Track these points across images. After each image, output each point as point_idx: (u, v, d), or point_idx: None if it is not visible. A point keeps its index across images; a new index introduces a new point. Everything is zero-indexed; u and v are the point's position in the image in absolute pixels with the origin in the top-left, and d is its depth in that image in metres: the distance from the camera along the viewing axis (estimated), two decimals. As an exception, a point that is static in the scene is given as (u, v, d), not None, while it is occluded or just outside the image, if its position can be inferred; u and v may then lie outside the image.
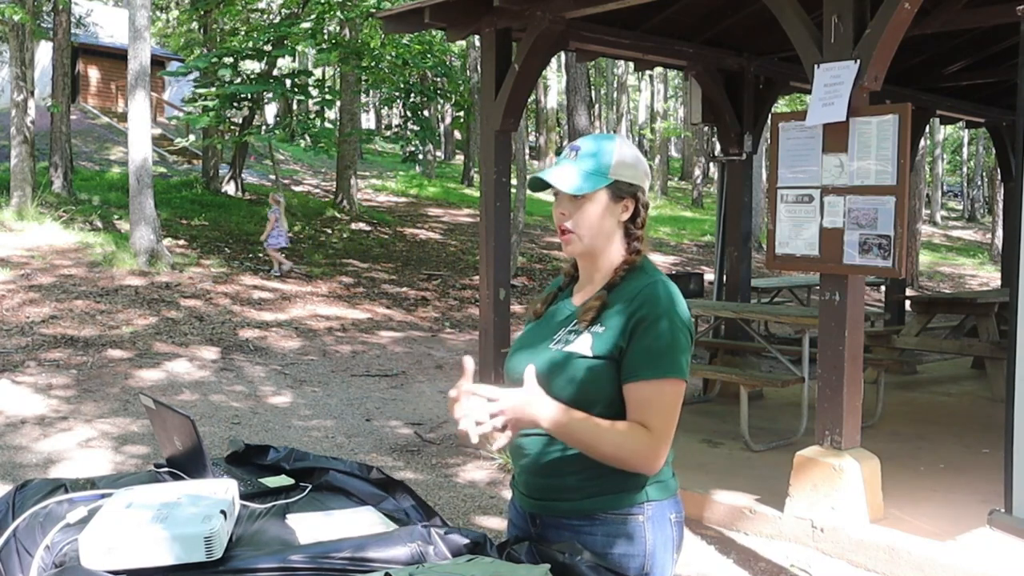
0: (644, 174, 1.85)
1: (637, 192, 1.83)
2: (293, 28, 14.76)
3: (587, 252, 1.84)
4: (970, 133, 38.03)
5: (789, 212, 4.50)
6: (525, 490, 1.88)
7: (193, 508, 1.75)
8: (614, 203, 1.81)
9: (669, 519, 1.82)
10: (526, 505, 1.89)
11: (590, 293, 1.85)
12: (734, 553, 4.30)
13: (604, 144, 1.83)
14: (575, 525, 1.79)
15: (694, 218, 25.50)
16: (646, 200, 1.86)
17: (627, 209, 1.83)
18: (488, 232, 6.09)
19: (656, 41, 6.82)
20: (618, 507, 1.77)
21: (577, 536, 1.78)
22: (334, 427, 6.63)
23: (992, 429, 5.76)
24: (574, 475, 1.78)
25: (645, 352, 1.70)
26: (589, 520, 1.78)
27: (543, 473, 1.82)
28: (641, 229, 1.85)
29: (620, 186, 1.81)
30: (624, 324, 1.74)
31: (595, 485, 1.77)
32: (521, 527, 1.92)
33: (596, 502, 1.78)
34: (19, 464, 5.50)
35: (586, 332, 1.77)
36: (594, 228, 1.81)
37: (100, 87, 28.74)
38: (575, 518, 1.79)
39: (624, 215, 1.83)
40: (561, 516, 1.81)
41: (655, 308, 1.73)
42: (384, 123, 41.79)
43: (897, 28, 4.16)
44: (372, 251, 16.11)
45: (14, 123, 14.50)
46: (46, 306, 9.89)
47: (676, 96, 42.89)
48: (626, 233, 1.85)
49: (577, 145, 1.84)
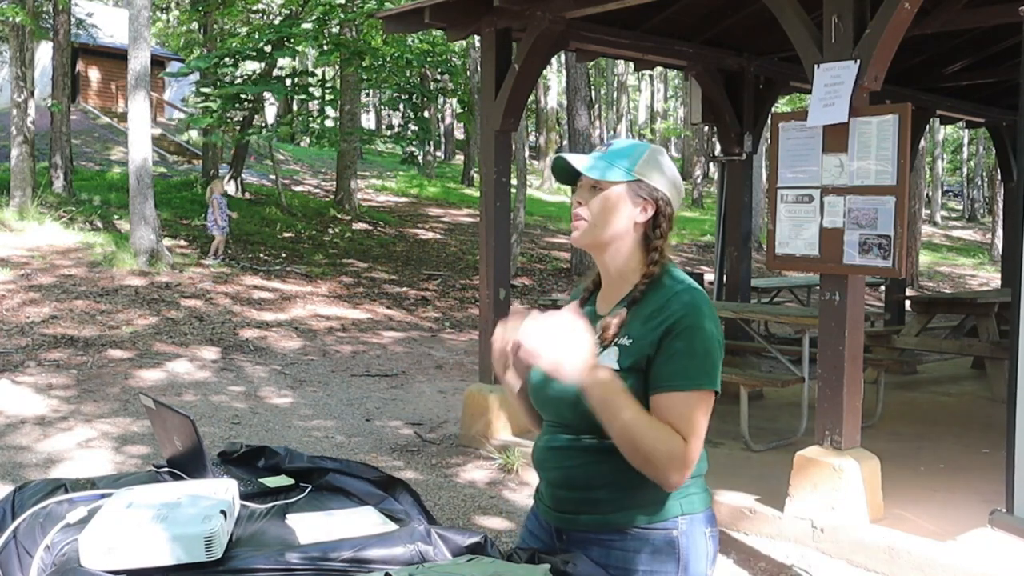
0: (673, 185, 1.79)
1: (659, 199, 1.76)
2: (294, 29, 14.76)
3: (594, 244, 1.78)
4: (970, 133, 38.00)
5: (789, 212, 4.50)
6: (552, 504, 1.81)
7: (193, 508, 1.75)
8: (632, 201, 1.75)
9: (704, 533, 1.75)
10: (552, 519, 1.82)
11: (614, 302, 1.79)
12: (734, 553, 4.30)
13: (635, 146, 1.79)
14: (605, 540, 1.72)
15: (694, 218, 25.49)
16: (670, 212, 1.78)
17: (645, 211, 1.76)
18: (488, 232, 6.09)
19: (656, 41, 6.82)
20: (651, 521, 1.71)
21: (608, 552, 1.72)
22: (334, 427, 6.63)
23: (992, 429, 5.76)
24: (605, 488, 1.72)
25: (678, 361, 1.64)
26: (620, 535, 1.71)
27: (573, 486, 1.76)
28: (662, 240, 1.77)
29: (642, 186, 1.75)
30: (652, 333, 1.67)
31: (627, 498, 1.70)
32: (545, 541, 1.84)
33: (628, 516, 1.71)
34: (19, 464, 5.50)
35: (612, 346, 1.71)
36: (605, 220, 1.74)
37: (100, 87, 28.73)
38: (605, 532, 1.73)
39: (642, 217, 1.76)
40: (590, 531, 1.74)
41: (687, 316, 1.66)
42: (384, 123, 41.79)
43: (897, 28, 4.16)
44: (372, 251, 16.11)
45: (14, 123, 14.50)
46: (46, 306, 9.89)
47: (676, 96, 42.90)
48: (644, 241, 1.78)
49: (611, 142, 1.82)
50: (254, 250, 14.41)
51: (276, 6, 17.99)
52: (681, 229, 23.06)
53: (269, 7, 18.65)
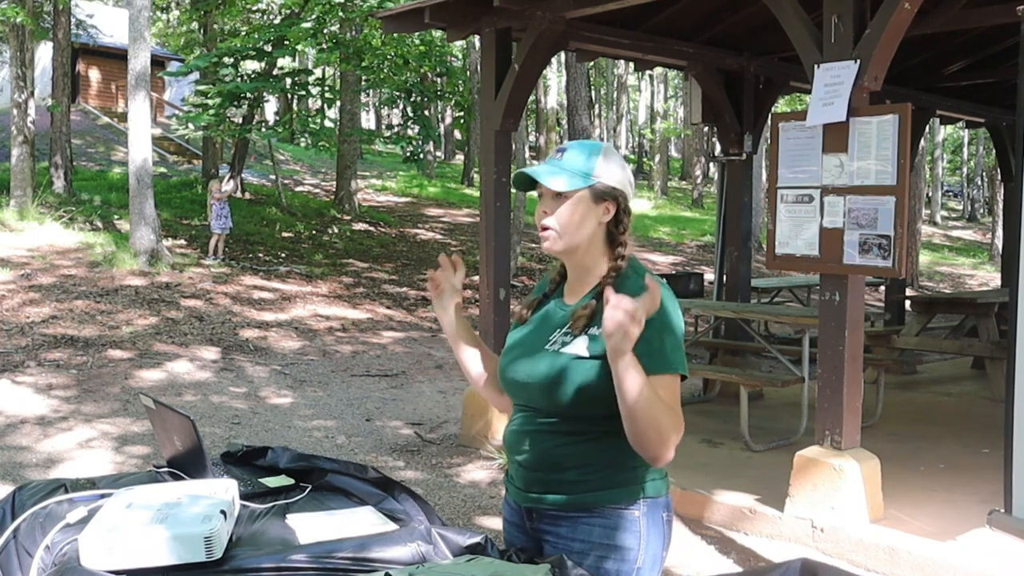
0: (628, 182, 1.89)
1: (619, 196, 1.86)
2: (294, 28, 14.76)
3: (566, 250, 1.87)
4: (970, 133, 38.02)
5: (789, 212, 4.50)
6: (522, 484, 1.90)
7: (193, 508, 1.76)
8: (595, 204, 1.84)
9: (662, 516, 1.86)
10: (521, 500, 1.91)
11: (581, 293, 1.89)
12: (734, 553, 4.30)
13: (589, 148, 1.88)
14: (573, 516, 1.83)
15: (694, 218, 25.49)
16: (628, 207, 1.89)
17: (608, 212, 1.85)
18: (488, 232, 6.09)
19: (656, 41, 6.82)
20: (617, 501, 1.81)
21: (575, 526, 1.82)
22: (334, 427, 6.63)
23: (992, 429, 5.75)
24: (575, 469, 1.81)
25: (647, 349, 1.70)
26: (588, 512, 1.82)
27: (544, 467, 1.85)
28: (623, 234, 1.87)
29: (602, 188, 1.84)
30: None
31: (595, 480, 1.81)
32: (516, 523, 1.95)
33: (597, 496, 1.81)
34: (19, 464, 5.50)
35: (582, 335, 1.80)
36: (573, 226, 1.83)
37: (100, 87, 28.73)
38: (573, 510, 1.82)
39: (605, 217, 1.85)
40: (559, 509, 1.84)
41: None
42: (384, 123, 41.79)
43: (897, 28, 4.16)
44: (372, 251, 16.11)
45: (14, 123, 14.50)
46: (46, 306, 9.89)
47: (676, 96, 42.88)
48: (609, 238, 1.88)
49: (564, 147, 1.89)
50: (254, 250, 14.41)
51: (276, 6, 17.97)
52: (681, 229, 23.07)
53: (269, 7, 18.63)
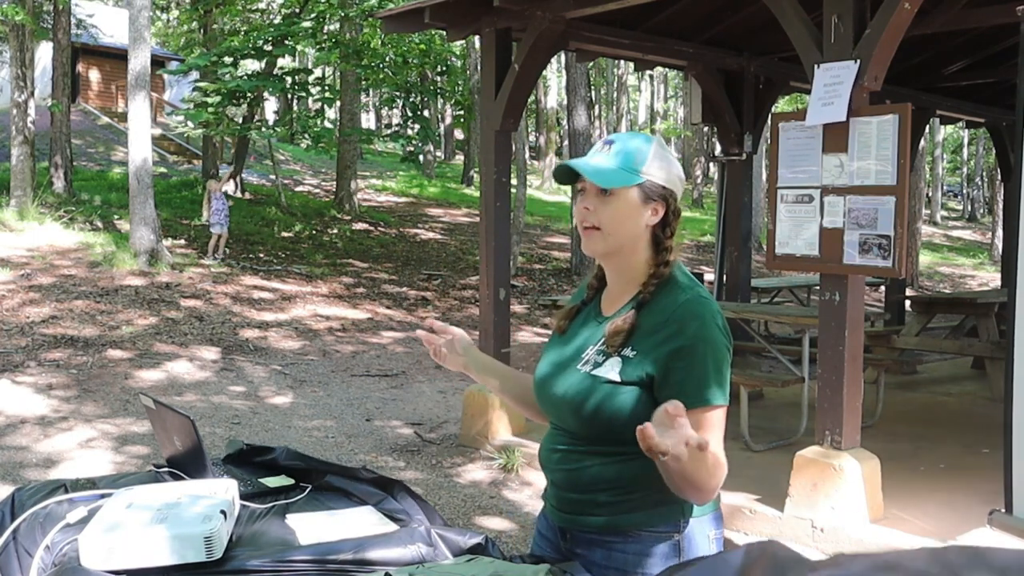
0: (678, 179, 1.74)
1: (668, 197, 1.72)
2: (293, 27, 14.77)
3: (609, 252, 1.73)
4: (970, 133, 38.02)
5: (789, 212, 4.50)
6: (557, 504, 1.81)
7: (193, 508, 1.76)
8: (643, 204, 1.69)
9: (707, 536, 1.71)
10: (556, 519, 1.82)
11: (620, 303, 1.75)
12: (734, 553, 4.29)
13: (639, 141, 1.73)
14: (606, 541, 1.71)
15: (694, 218, 25.48)
16: (678, 208, 1.75)
17: (656, 213, 1.71)
18: (488, 232, 6.09)
19: (656, 41, 6.82)
20: (654, 525, 1.69)
21: (608, 553, 1.71)
22: (334, 427, 6.63)
23: (992, 429, 5.74)
24: (606, 492, 1.70)
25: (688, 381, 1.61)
26: (622, 537, 1.70)
27: (575, 488, 1.75)
28: (670, 239, 1.73)
29: (651, 187, 1.70)
30: (657, 351, 1.64)
31: (628, 502, 1.69)
32: (551, 540, 1.85)
33: (630, 518, 1.69)
34: (19, 464, 5.50)
35: (616, 355, 1.68)
36: (620, 227, 1.69)
37: (101, 87, 28.74)
38: (607, 534, 1.71)
39: (653, 219, 1.71)
40: (592, 532, 1.73)
41: (693, 333, 1.62)
42: (384, 123, 41.80)
43: (897, 28, 4.16)
44: (372, 251, 16.11)
45: (14, 123, 14.50)
46: (46, 306, 9.89)
47: (676, 96, 42.89)
48: (654, 241, 1.73)
49: (611, 139, 1.74)
50: (254, 250, 14.40)
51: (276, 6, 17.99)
52: (681, 229, 22.88)
53: (269, 7, 18.65)
